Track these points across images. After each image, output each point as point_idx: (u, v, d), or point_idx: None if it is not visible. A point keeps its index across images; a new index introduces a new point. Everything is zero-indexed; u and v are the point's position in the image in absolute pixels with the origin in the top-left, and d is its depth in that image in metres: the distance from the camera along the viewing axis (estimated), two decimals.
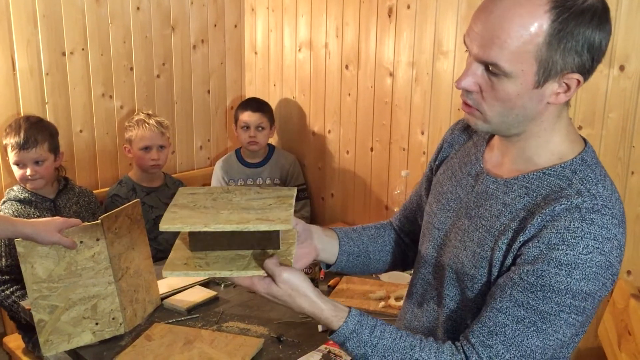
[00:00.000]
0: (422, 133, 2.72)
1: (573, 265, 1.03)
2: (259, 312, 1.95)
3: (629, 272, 2.19)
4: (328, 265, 1.42)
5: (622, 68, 2.09)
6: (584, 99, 2.20)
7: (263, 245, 1.20)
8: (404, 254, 1.48)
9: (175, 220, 1.16)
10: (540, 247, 1.05)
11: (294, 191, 1.29)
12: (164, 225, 1.14)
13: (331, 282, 2.23)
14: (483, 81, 1.08)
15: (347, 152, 3.08)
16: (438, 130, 2.64)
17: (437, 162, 1.40)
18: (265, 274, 1.14)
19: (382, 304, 2.07)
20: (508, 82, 1.05)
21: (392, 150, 2.86)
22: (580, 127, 2.21)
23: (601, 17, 1.03)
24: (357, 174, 3.06)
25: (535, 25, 1.01)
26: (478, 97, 1.10)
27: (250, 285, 1.15)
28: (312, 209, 3.27)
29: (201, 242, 1.19)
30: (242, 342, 1.74)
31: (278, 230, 1.19)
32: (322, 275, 2.27)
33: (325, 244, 1.38)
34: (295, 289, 1.13)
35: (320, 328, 1.83)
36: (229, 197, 1.26)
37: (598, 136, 2.18)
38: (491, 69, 1.06)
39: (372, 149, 2.96)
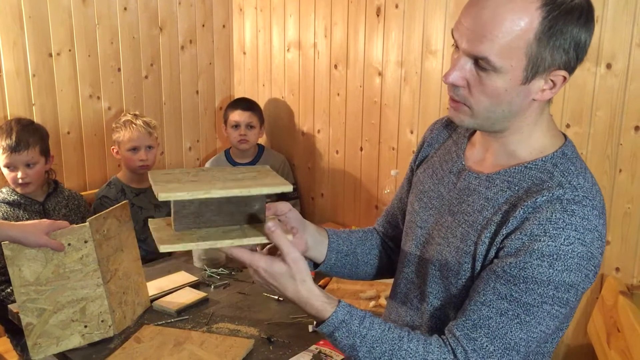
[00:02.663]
0: (412, 132, 2.72)
1: (555, 257, 1.03)
2: (249, 313, 1.95)
3: (617, 269, 2.20)
4: (316, 265, 1.40)
5: (609, 66, 2.11)
6: (571, 97, 2.21)
7: (248, 219, 1.16)
8: (390, 258, 1.48)
9: (175, 189, 1.08)
10: (522, 239, 1.06)
11: (267, 167, 1.25)
12: (164, 194, 1.06)
13: (321, 282, 2.23)
14: (471, 76, 1.08)
15: (337, 151, 3.08)
16: None
17: (417, 162, 1.41)
18: (262, 244, 1.11)
19: (372, 303, 2.07)
20: (497, 77, 1.06)
21: (381, 150, 2.87)
22: (568, 125, 2.22)
23: (587, 16, 1.05)
24: (346, 173, 3.06)
25: (527, 21, 1.02)
26: (465, 92, 1.10)
27: (251, 260, 1.11)
28: (302, 209, 3.27)
29: (186, 219, 1.13)
30: (232, 343, 1.74)
31: (263, 201, 1.15)
32: (312, 275, 2.26)
33: (316, 241, 1.37)
34: (299, 271, 1.11)
35: (310, 328, 1.83)
36: (209, 174, 1.20)
37: (586, 134, 2.19)
38: (480, 64, 1.06)
39: (361, 149, 2.96)
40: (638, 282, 2.18)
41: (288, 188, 1.10)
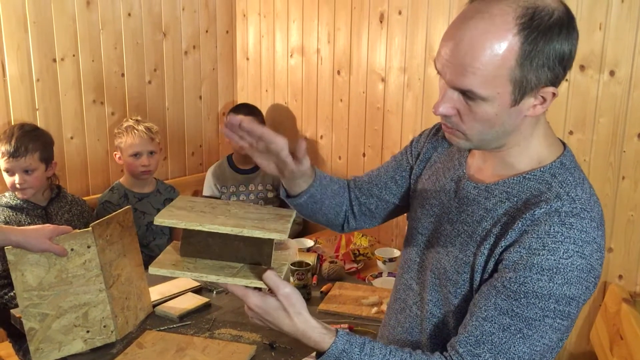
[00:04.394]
0: None
1: (554, 270, 1.03)
2: None
3: (620, 277, 2.20)
4: (288, 195, 1.36)
5: (612, 73, 2.11)
6: (574, 104, 2.21)
7: (255, 260, 1.18)
8: (346, 219, 1.47)
9: (172, 216, 1.15)
10: (521, 253, 1.06)
11: (293, 212, 1.27)
12: (159, 219, 1.13)
13: (324, 288, 2.23)
14: (460, 105, 1.08)
15: (340, 157, 3.08)
16: None
17: (417, 161, 1.39)
18: (251, 287, 1.11)
19: (374, 309, 2.06)
20: (485, 104, 1.06)
21: (384, 156, 2.87)
22: (571, 132, 2.22)
23: (568, 28, 1.04)
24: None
25: (506, 48, 1.01)
26: (457, 119, 1.11)
27: (243, 295, 1.12)
28: None
29: (193, 247, 1.18)
30: (235, 349, 1.74)
31: (271, 246, 1.18)
32: (314, 281, 2.26)
33: (303, 176, 1.30)
34: (293, 305, 1.10)
35: None
36: (227, 208, 1.25)
37: (589, 141, 2.19)
38: (467, 94, 1.06)
39: (364, 155, 2.96)
40: None
41: (281, 236, 1.11)
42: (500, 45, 1.01)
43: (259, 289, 1.12)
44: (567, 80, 2.19)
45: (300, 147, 1.20)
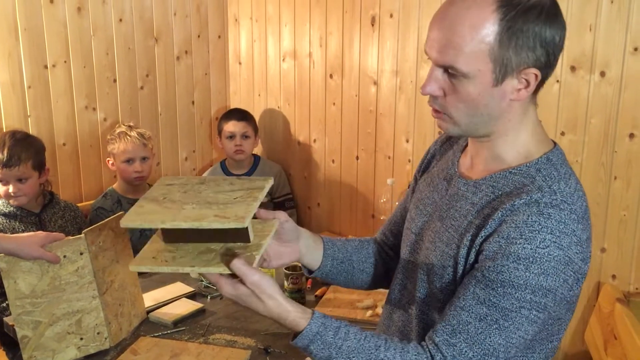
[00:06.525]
0: (407, 141, 2.72)
1: (531, 260, 1.04)
2: (246, 323, 1.94)
3: (613, 277, 2.21)
4: (310, 271, 1.40)
5: (602, 74, 2.12)
6: (565, 105, 2.21)
7: (233, 238, 1.17)
8: (387, 267, 1.48)
9: (137, 216, 1.14)
10: (499, 242, 1.07)
11: (268, 182, 1.24)
12: (125, 223, 1.13)
13: (318, 292, 2.23)
14: (445, 85, 1.11)
15: (333, 161, 3.08)
16: (422, 138, 2.65)
17: (420, 173, 1.43)
18: (228, 271, 1.11)
19: (369, 312, 2.06)
20: (467, 82, 1.08)
21: (377, 159, 2.87)
22: (563, 133, 2.23)
23: (549, 13, 1.06)
24: (343, 182, 3.06)
25: (485, 25, 1.05)
26: (443, 101, 1.13)
27: (216, 283, 1.13)
28: (298, 219, 3.26)
29: (173, 234, 1.17)
30: (229, 354, 1.74)
31: (248, 228, 1.17)
32: (309, 284, 2.26)
33: (310, 248, 1.36)
34: (264, 291, 1.10)
35: None
36: (200, 189, 1.24)
37: (580, 142, 2.20)
38: (450, 72, 1.09)
39: (357, 158, 2.96)
40: (634, 289, 2.18)
41: (238, 224, 1.09)
42: (480, 21, 1.05)
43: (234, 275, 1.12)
44: (558, 81, 2.20)
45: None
